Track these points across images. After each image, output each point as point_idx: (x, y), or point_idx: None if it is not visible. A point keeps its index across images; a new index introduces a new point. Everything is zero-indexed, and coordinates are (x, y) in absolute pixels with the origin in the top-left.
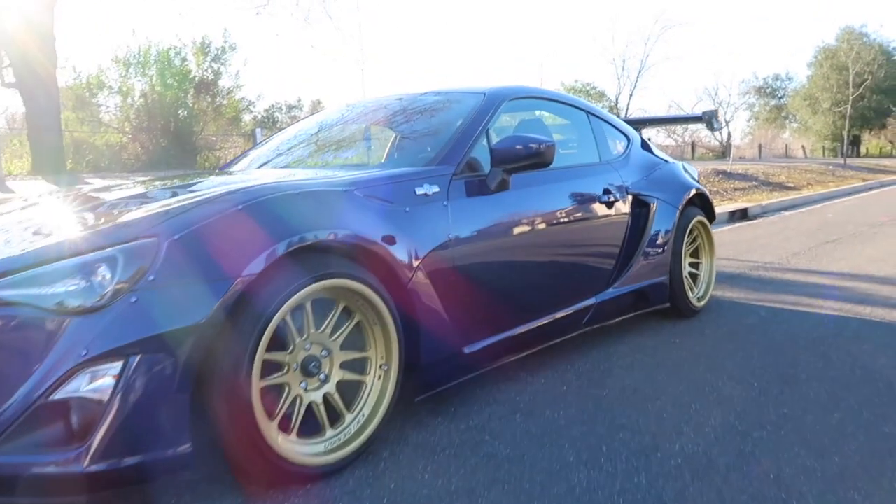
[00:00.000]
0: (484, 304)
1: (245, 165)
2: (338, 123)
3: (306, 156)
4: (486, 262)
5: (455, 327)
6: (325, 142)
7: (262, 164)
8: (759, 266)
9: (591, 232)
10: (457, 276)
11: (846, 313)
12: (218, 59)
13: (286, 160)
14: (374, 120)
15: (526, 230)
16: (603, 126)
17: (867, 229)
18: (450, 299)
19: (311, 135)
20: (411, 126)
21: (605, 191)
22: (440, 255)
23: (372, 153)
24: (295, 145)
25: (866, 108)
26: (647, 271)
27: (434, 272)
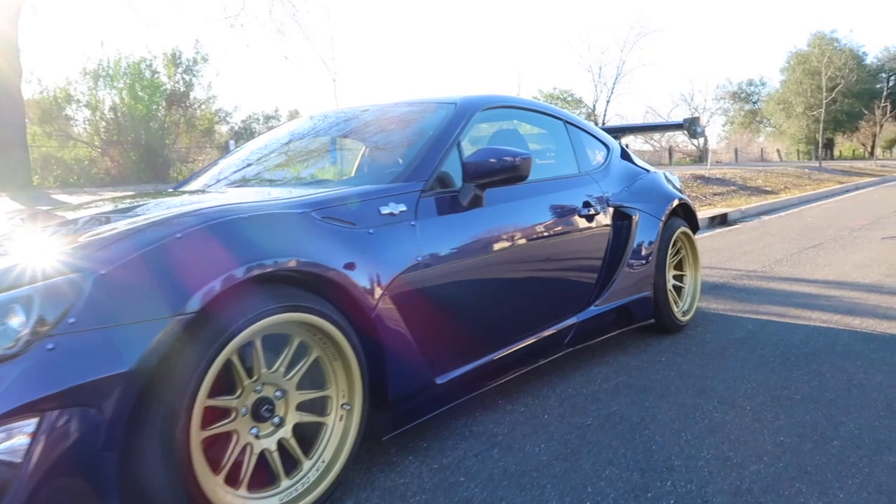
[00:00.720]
0: (458, 330)
1: (200, 184)
2: (299, 137)
3: (265, 173)
4: (459, 284)
5: (426, 357)
6: (285, 157)
7: (217, 182)
8: (743, 274)
9: (572, 248)
10: (427, 302)
11: (835, 325)
12: (189, 70)
13: (243, 177)
14: (338, 133)
15: (502, 249)
16: (581, 136)
17: (848, 234)
18: (420, 327)
19: (272, 150)
20: (377, 139)
21: (585, 204)
22: (409, 279)
23: (335, 169)
24: (254, 161)
25: (839, 112)
26: (630, 287)
27: (402, 298)
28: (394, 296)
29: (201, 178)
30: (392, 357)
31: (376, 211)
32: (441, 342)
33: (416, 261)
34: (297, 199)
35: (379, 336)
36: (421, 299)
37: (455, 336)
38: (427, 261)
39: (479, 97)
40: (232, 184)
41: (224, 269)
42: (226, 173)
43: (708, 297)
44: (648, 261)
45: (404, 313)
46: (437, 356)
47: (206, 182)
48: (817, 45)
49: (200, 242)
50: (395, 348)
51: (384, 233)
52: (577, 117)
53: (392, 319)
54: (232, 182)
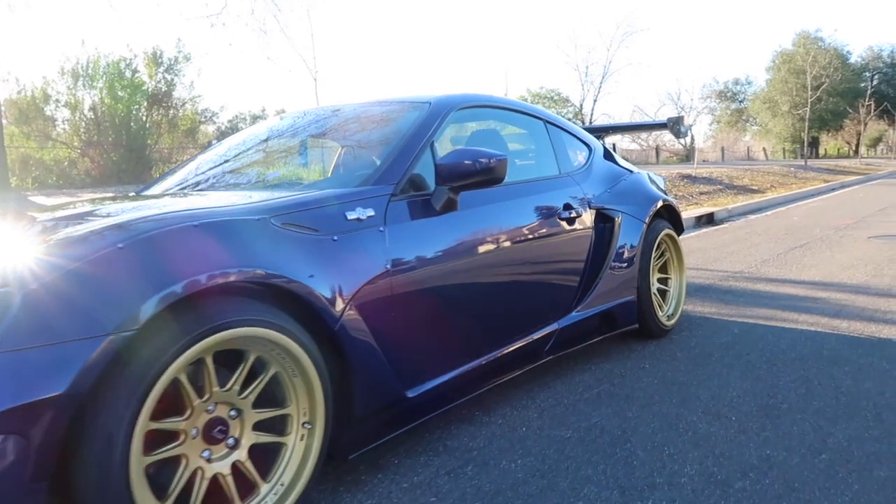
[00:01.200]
0: (431, 341)
1: (164, 187)
2: (267, 139)
3: (229, 176)
4: (432, 292)
5: (397, 369)
6: (251, 160)
7: (180, 186)
8: (729, 276)
9: (552, 252)
10: (397, 312)
11: (822, 328)
12: (171, 69)
13: (207, 180)
14: (307, 135)
15: (478, 254)
16: (562, 136)
17: (833, 233)
18: (389, 338)
19: (238, 153)
20: (347, 141)
21: (566, 206)
22: (377, 288)
23: (303, 172)
24: (219, 164)
25: (824, 111)
26: (613, 291)
27: (369, 308)
28: (360, 306)
29: (167, 181)
30: (358, 371)
31: (342, 216)
32: (413, 353)
33: (384, 268)
34: (256, 204)
35: (344, 349)
36: (390, 309)
37: (428, 347)
38: (397, 268)
39: (454, 96)
40: (194, 187)
41: (168, 281)
42: (190, 176)
43: (694, 300)
44: (632, 264)
45: (372, 324)
46: (409, 368)
47: (170, 186)
48: (802, 45)
49: (143, 253)
50: (362, 361)
51: (350, 239)
52: (557, 117)
53: (358, 331)
54: (195, 185)
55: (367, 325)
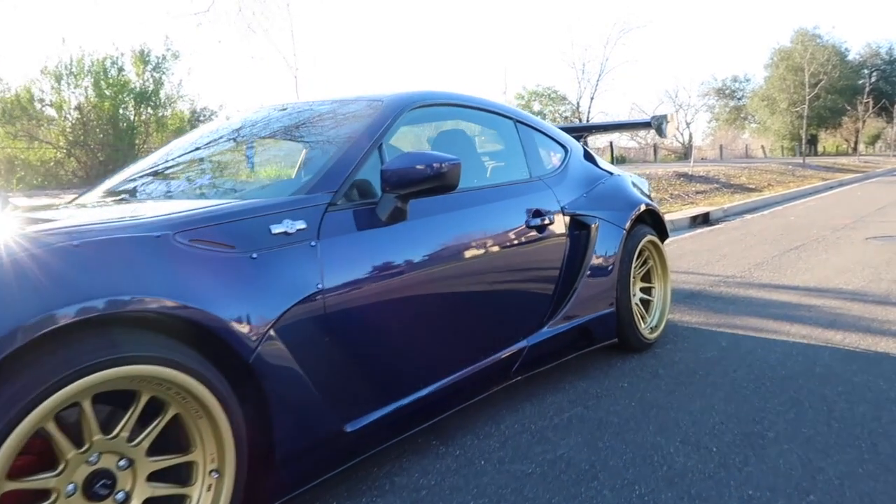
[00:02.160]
0: (374, 367)
1: (97, 193)
2: (207, 143)
3: (156, 183)
4: (376, 313)
5: (331, 402)
6: (184, 166)
7: (103, 193)
8: (721, 280)
9: (519, 264)
10: (332, 336)
11: (815, 340)
12: (159, 68)
13: (131, 187)
14: (248, 137)
15: (430, 269)
16: (534, 136)
17: (830, 234)
18: (322, 366)
19: (174, 157)
20: (287, 144)
21: (536, 213)
22: (305, 311)
23: (234, 179)
24: (150, 170)
25: (822, 108)
26: (589, 304)
27: (296, 334)
28: (283, 332)
29: (103, 186)
30: (280, 407)
31: (265, 230)
32: (352, 382)
33: (315, 288)
34: (159, 218)
35: (261, 383)
36: (323, 333)
37: (371, 374)
38: (332, 287)
39: (409, 94)
40: (114, 195)
41: (32, 312)
42: (117, 182)
43: (682, 308)
44: (610, 274)
45: (299, 352)
46: (347, 399)
47: (102, 191)
48: (800, 42)
49: (11, 277)
50: (285, 395)
51: (273, 256)
52: (529, 115)
53: (281, 361)
54: (117, 192)
55: (292, 354)
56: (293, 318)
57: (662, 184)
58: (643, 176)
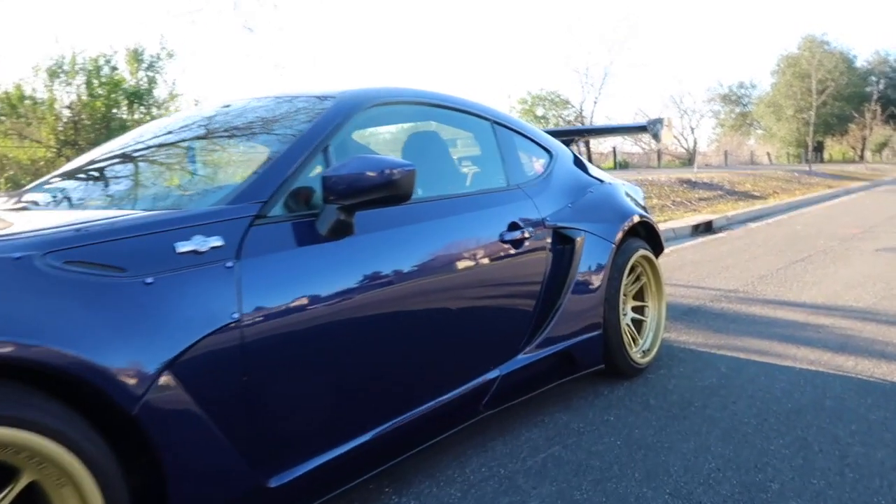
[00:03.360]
0: (307, 409)
1: (10, 200)
2: (141, 143)
3: (70, 190)
4: (309, 345)
5: (247, 453)
6: (112, 169)
7: (10, 199)
8: (722, 295)
9: (490, 283)
10: (251, 376)
11: (825, 367)
12: (153, 66)
13: (41, 195)
14: (184, 138)
15: (380, 291)
16: (515, 140)
17: (838, 244)
18: (236, 412)
19: (100, 160)
20: (221, 146)
21: (512, 226)
22: (215, 346)
23: (157, 186)
24: (68, 175)
25: (829, 115)
26: (572, 326)
27: (200, 377)
28: (183, 375)
29: (22, 192)
30: (178, 466)
31: (167, 249)
32: (277, 428)
33: (231, 319)
34: (26, 235)
35: (151, 438)
36: (238, 373)
37: (303, 417)
38: (253, 317)
39: (367, 90)
40: (19, 201)
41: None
42: (33, 186)
43: (679, 326)
44: (596, 293)
45: (205, 398)
46: (271, 449)
47: (8, 198)
48: (807, 48)
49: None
50: (184, 452)
51: (175, 281)
52: (510, 117)
53: (178, 410)
54: (22, 198)
55: (196, 400)
56: (198, 355)
57: (665, 190)
58: (644, 182)
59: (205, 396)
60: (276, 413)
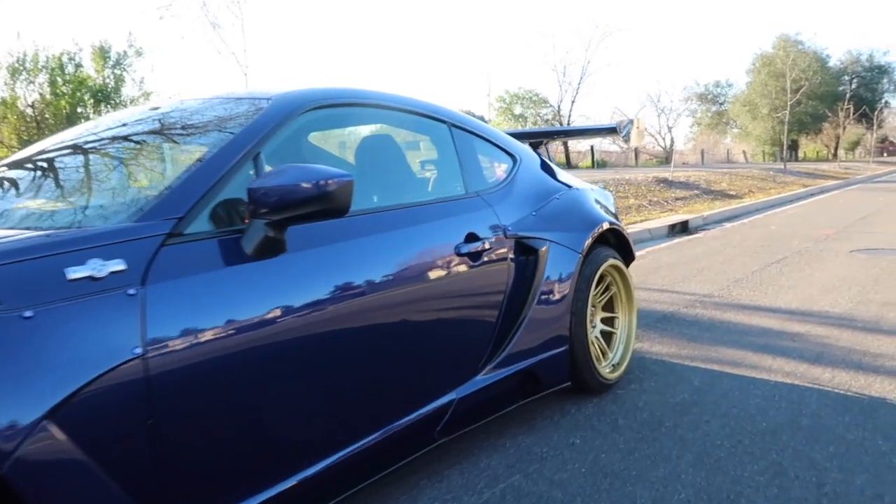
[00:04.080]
0: (227, 450)
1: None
2: (58, 149)
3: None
4: (230, 378)
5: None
6: (17, 181)
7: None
8: (697, 300)
9: (445, 300)
10: (158, 418)
11: (801, 380)
12: (119, 64)
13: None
14: (104, 144)
15: (317, 314)
16: (474, 144)
17: (813, 245)
18: (138, 460)
19: (16, 167)
20: (141, 154)
21: (470, 237)
22: (112, 386)
23: (66, 200)
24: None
25: (803, 114)
26: (536, 343)
27: (94, 424)
28: (70, 424)
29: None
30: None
31: (55, 276)
32: (191, 475)
33: (132, 354)
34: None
35: (24, 500)
36: (143, 416)
37: (223, 459)
38: (160, 351)
39: (306, 91)
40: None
41: None
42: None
43: (651, 335)
44: (562, 307)
45: (96, 448)
46: (183, 499)
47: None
48: (782, 48)
49: None
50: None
51: (62, 314)
52: (470, 119)
53: (61, 464)
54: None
55: (84, 453)
56: (90, 399)
57: (642, 189)
58: (621, 181)
59: (98, 447)
60: (187, 460)
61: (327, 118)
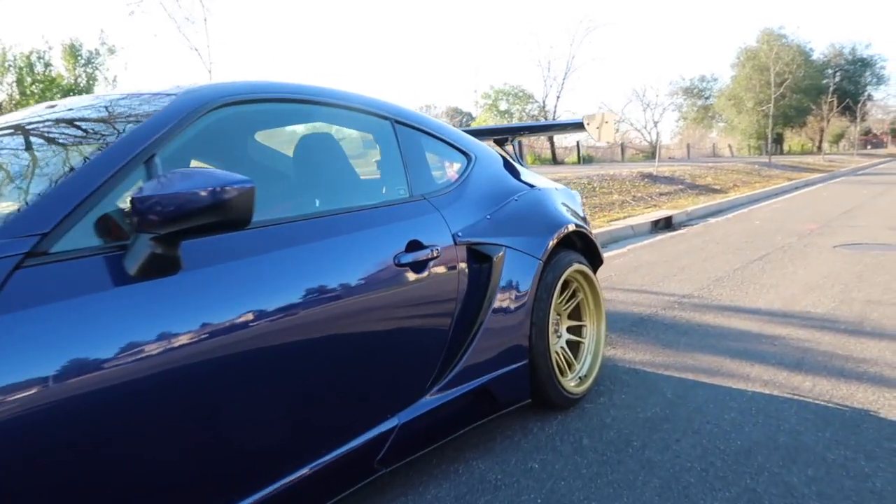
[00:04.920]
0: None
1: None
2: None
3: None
4: (109, 424)
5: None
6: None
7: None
8: (675, 301)
9: (383, 316)
10: (8, 475)
11: (779, 390)
12: (91, 62)
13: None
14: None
15: (224, 341)
16: (422, 142)
17: (797, 241)
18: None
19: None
20: (18, 159)
21: (413, 245)
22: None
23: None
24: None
25: (788, 107)
26: (491, 358)
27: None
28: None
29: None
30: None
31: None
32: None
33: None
34: None
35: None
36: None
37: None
38: (11, 394)
39: (220, 85)
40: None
41: None
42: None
43: (626, 340)
44: (520, 318)
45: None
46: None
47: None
48: (766, 42)
49: None
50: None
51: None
52: (417, 114)
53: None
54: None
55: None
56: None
57: (626, 185)
58: (605, 177)
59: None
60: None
61: (245, 116)
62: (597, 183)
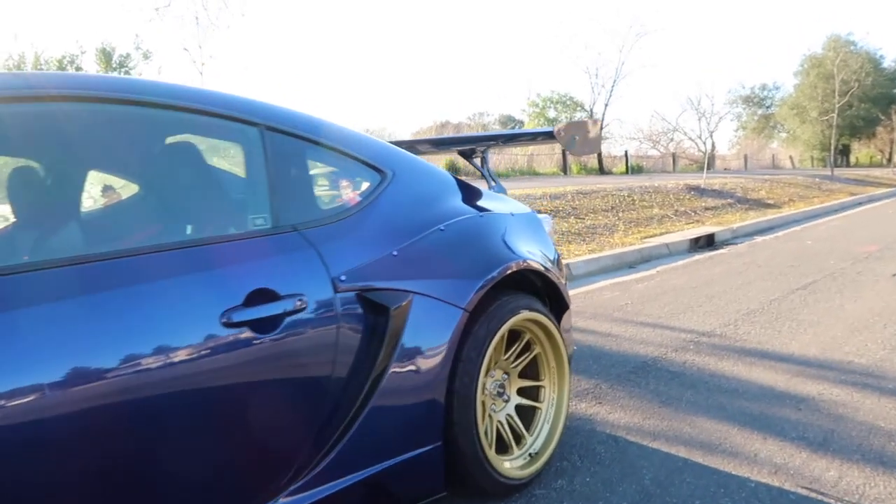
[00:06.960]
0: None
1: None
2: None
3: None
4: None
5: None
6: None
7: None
8: (691, 340)
9: (208, 396)
10: None
11: (792, 483)
12: (123, 66)
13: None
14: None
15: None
16: (306, 153)
17: (850, 266)
18: None
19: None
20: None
21: (258, 294)
22: None
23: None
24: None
25: (855, 117)
26: (381, 441)
27: None
28: None
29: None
30: None
31: None
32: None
33: None
34: None
35: None
36: None
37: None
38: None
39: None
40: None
41: None
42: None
43: (618, 394)
44: (432, 386)
45: None
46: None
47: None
48: (832, 49)
49: None
50: None
51: None
52: (311, 119)
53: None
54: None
55: None
56: None
57: (669, 198)
58: (648, 189)
59: None
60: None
61: (40, 116)
62: (637, 195)
